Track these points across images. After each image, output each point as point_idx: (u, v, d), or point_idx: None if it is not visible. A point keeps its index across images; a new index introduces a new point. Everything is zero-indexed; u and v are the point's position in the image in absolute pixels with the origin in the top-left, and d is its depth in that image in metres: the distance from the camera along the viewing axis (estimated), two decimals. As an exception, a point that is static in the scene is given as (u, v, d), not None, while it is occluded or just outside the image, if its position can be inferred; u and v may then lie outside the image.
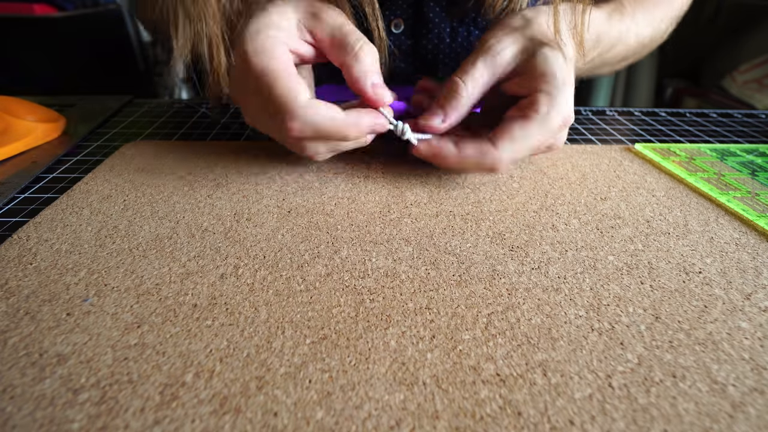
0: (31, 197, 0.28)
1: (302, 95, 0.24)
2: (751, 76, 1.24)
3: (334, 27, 0.26)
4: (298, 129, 0.24)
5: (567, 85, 0.26)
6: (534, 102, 0.26)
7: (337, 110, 0.25)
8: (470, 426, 0.14)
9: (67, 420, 0.14)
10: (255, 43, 0.24)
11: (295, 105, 0.24)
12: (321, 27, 0.26)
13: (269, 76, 0.24)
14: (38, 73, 1.18)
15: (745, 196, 0.28)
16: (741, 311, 0.19)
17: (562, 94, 0.26)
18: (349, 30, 0.26)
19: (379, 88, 0.26)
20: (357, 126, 0.25)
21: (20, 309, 0.19)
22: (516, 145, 0.25)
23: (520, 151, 0.26)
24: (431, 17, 0.40)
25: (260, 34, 0.25)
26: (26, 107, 0.36)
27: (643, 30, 0.38)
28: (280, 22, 0.26)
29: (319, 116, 0.24)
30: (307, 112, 0.24)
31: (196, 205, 0.27)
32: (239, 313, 0.19)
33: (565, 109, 0.26)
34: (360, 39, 0.26)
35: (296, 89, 0.24)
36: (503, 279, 0.21)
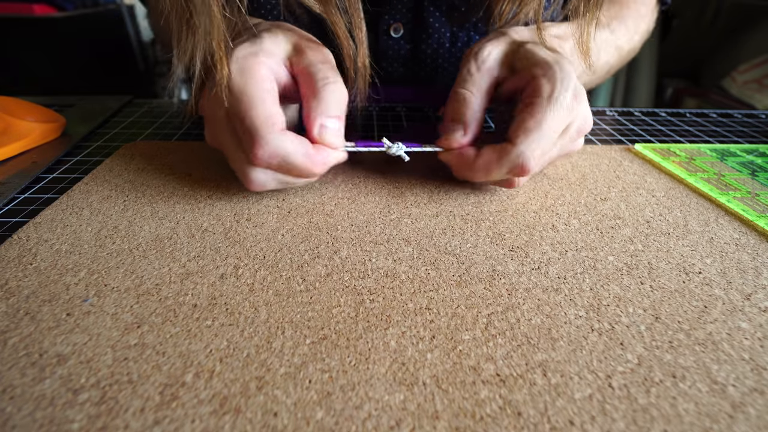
0: (31, 197, 0.28)
1: (278, 125, 0.23)
2: (751, 76, 1.24)
3: (311, 62, 0.25)
4: (266, 157, 0.23)
5: (563, 65, 0.25)
6: (535, 88, 0.25)
7: (308, 145, 0.24)
8: (470, 426, 0.14)
9: (67, 420, 0.14)
10: (240, 63, 0.24)
11: (268, 132, 0.23)
12: (300, 60, 0.25)
13: (248, 99, 0.23)
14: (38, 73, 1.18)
15: (745, 197, 0.29)
16: (741, 311, 0.19)
17: (560, 71, 0.25)
18: (322, 68, 0.25)
19: (327, 132, 0.25)
20: (323, 163, 0.25)
21: (20, 309, 0.19)
22: (534, 135, 0.24)
23: (542, 141, 0.24)
24: (431, 22, 0.40)
25: (249, 57, 0.24)
26: (26, 107, 0.36)
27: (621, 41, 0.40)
28: (272, 49, 0.25)
29: (290, 147, 0.23)
30: (278, 142, 0.23)
31: (196, 205, 0.27)
32: (239, 313, 0.19)
33: (570, 83, 0.24)
34: (328, 78, 0.25)
35: (274, 117, 0.23)
36: (503, 279, 0.21)
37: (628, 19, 0.41)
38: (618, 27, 0.40)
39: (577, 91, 0.25)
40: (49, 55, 1.17)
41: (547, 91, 0.24)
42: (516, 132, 0.24)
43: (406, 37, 0.41)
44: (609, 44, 0.39)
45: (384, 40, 0.41)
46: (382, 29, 0.40)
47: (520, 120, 0.24)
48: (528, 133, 0.24)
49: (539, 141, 0.24)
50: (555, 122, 0.24)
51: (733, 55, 1.33)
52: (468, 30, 0.41)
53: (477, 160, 0.26)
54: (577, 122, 0.26)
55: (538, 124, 0.24)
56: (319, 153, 0.24)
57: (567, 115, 0.24)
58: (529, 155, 0.24)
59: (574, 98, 0.24)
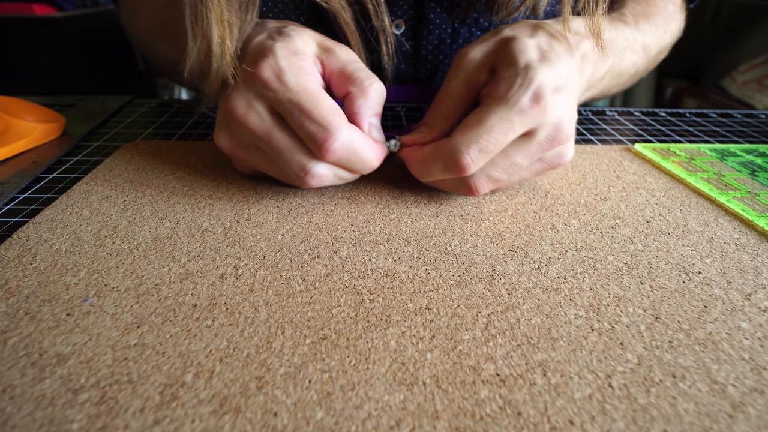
0: (31, 197, 0.28)
1: (344, 118, 0.24)
2: (751, 76, 1.24)
3: (347, 61, 0.26)
4: (339, 148, 0.23)
5: (534, 65, 0.24)
6: (492, 87, 0.24)
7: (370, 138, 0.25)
8: (470, 426, 0.14)
9: (67, 420, 0.14)
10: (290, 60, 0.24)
11: (339, 124, 0.23)
12: (333, 59, 0.26)
13: (311, 93, 0.23)
14: (38, 73, 1.18)
15: (745, 196, 0.29)
16: (741, 311, 0.19)
17: (525, 72, 0.23)
18: (360, 66, 0.26)
19: (374, 129, 0.26)
20: (378, 158, 0.25)
21: (20, 309, 0.19)
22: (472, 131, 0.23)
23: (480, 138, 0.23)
24: (432, 18, 0.40)
25: (293, 55, 0.24)
26: (26, 107, 0.36)
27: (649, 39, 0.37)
28: (305, 48, 0.25)
29: (360, 141, 0.24)
30: (351, 134, 0.23)
31: (196, 205, 0.27)
32: (239, 313, 0.19)
33: (531, 85, 0.23)
34: (371, 76, 0.25)
35: (339, 111, 0.23)
36: (503, 279, 0.21)
37: (656, 17, 0.39)
38: (646, 26, 0.37)
39: (540, 94, 0.23)
40: (49, 55, 1.17)
41: (500, 92, 0.23)
42: (456, 129, 0.24)
43: (407, 33, 0.41)
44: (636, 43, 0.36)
45: None
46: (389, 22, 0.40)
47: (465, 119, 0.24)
48: (465, 129, 0.23)
49: (477, 138, 0.23)
50: (501, 122, 0.23)
51: (733, 55, 1.33)
52: (469, 26, 0.41)
53: (416, 154, 0.26)
54: (545, 129, 0.24)
55: (479, 121, 0.23)
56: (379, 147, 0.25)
57: (520, 118, 0.23)
58: (462, 150, 0.23)
59: (534, 101, 0.23)
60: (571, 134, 0.25)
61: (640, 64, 0.38)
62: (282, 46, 0.24)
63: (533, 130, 0.24)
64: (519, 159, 0.24)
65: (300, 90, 0.23)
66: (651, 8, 0.39)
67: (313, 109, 0.23)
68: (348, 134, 0.23)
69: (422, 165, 0.25)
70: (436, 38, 0.41)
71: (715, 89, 1.34)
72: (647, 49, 0.38)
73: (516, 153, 0.24)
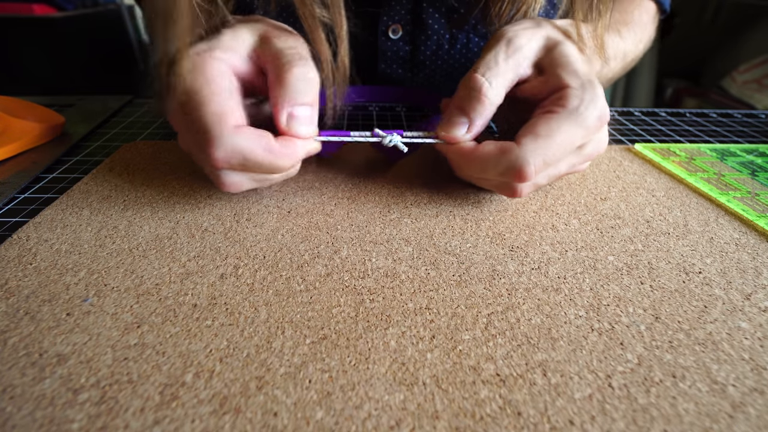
0: (31, 197, 0.28)
1: (231, 120, 0.21)
2: (751, 76, 1.24)
3: (279, 49, 0.23)
4: (223, 157, 0.21)
5: (594, 83, 0.24)
6: (562, 97, 0.23)
7: (269, 138, 0.22)
8: (470, 426, 0.14)
9: (67, 420, 0.14)
10: (192, 61, 0.22)
11: (220, 130, 0.21)
12: (268, 49, 0.23)
13: (198, 97, 0.21)
14: (38, 73, 1.18)
15: (745, 196, 0.28)
16: (741, 311, 0.19)
17: (593, 89, 0.23)
18: (288, 53, 0.23)
19: (295, 122, 0.22)
20: (291, 156, 0.23)
21: (20, 309, 0.19)
22: (543, 142, 0.22)
23: (549, 151, 0.22)
24: (430, 23, 0.40)
25: (201, 54, 0.22)
26: (26, 107, 0.36)
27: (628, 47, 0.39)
28: (231, 44, 0.23)
29: (248, 144, 0.21)
30: (233, 139, 0.21)
31: (196, 205, 0.27)
32: (239, 313, 0.19)
33: (600, 102, 0.23)
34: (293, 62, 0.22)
35: (226, 114, 0.21)
36: (503, 279, 0.21)
37: (633, 26, 0.40)
38: (627, 33, 0.38)
39: (603, 114, 0.23)
40: (49, 55, 1.17)
41: (573, 104, 0.23)
42: (524, 133, 0.23)
43: (404, 38, 0.41)
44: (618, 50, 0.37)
45: (383, 41, 0.41)
46: (381, 30, 0.40)
47: (533, 123, 0.23)
48: (536, 138, 0.22)
49: (546, 150, 0.22)
50: (570, 137, 0.22)
51: (733, 55, 1.33)
52: (467, 32, 0.41)
53: (475, 151, 0.24)
54: (594, 144, 0.25)
55: (551, 132, 0.22)
56: (285, 146, 0.22)
57: (585, 134, 0.23)
58: (529, 160, 0.22)
59: (598, 120, 0.23)
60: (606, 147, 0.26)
61: (618, 71, 0.40)
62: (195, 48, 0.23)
63: (584, 144, 0.24)
64: (563, 168, 0.25)
65: (191, 93, 0.22)
66: (628, 17, 0.40)
67: (195, 114, 0.21)
68: (231, 140, 0.21)
69: (480, 165, 0.24)
70: (434, 43, 0.41)
71: (715, 89, 1.34)
72: (626, 56, 0.39)
73: (562, 163, 0.24)
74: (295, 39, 0.24)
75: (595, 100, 0.23)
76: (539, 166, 0.22)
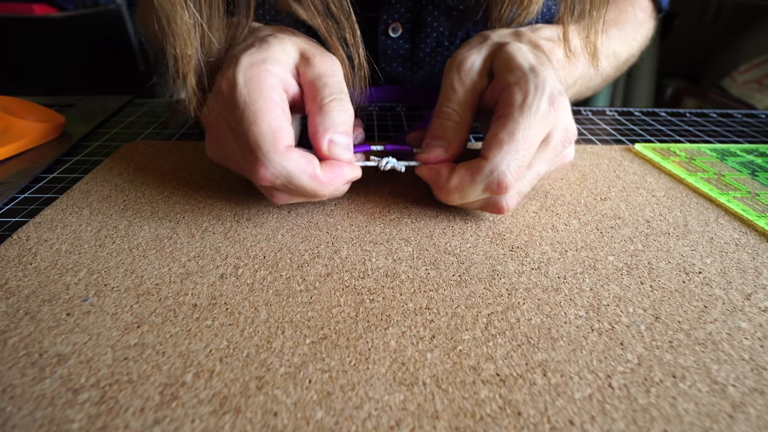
0: (31, 197, 0.28)
1: (283, 142, 0.21)
2: (751, 76, 1.24)
3: (318, 75, 0.24)
4: (269, 178, 0.21)
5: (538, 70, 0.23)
6: (507, 96, 0.23)
7: (315, 165, 0.22)
8: (470, 426, 0.14)
9: (67, 420, 0.14)
10: (247, 73, 0.22)
11: (272, 150, 0.21)
12: (309, 71, 0.24)
13: (253, 113, 0.21)
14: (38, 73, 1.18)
15: (745, 196, 0.28)
16: (741, 311, 0.19)
17: (535, 77, 0.23)
18: (329, 82, 0.23)
19: (336, 148, 0.23)
20: (333, 183, 0.23)
21: (20, 309, 0.19)
22: (508, 147, 0.22)
23: (518, 153, 0.22)
24: (429, 21, 0.40)
25: (256, 66, 0.22)
26: (26, 107, 0.36)
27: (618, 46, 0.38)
28: (280, 56, 0.24)
29: (295, 169, 0.21)
30: (283, 162, 0.21)
31: (196, 205, 0.27)
32: (239, 313, 0.19)
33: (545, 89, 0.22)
34: (334, 94, 0.23)
35: (279, 133, 0.21)
36: (503, 279, 0.21)
37: (625, 24, 0.39)
38: (616, 33, 0.38)
39: (553, 97, 0.23)
40: (49, 55, 1.17)
41: (519, 100, 0.22)
42: (489, 146, 0.22)
43: (404, 36, 0.41)
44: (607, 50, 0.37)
45: (383, 39, 0.41)
46: (381, 29, 0.40)
47: (492, 132, 0.23)
48: (500, 145, 0.22)
49: (514, 153, 0.22)
50: (530, 132, 0.22)
51: (733, 55, 1.33)
52: (467, 29, 0.41)
53: (450, 180, 0.24)
54: (558, 131, 0.24)
55: (511, 134, 0.22)
56: (331, 171, 0.23)
57: (543, 124, 0.22)
58: (504, 169, 0.22)
59: (550, 105, 0.22)
60: (576, 133, 0.25)
61: (610, 71, 0.39)
62: (248, 56, 0.23)
63: (549, 135, 0.23)
64: (541, 167, 0.24)
65: (245, 106, 0.22)
66: (621, 15, 0.40)
67: (248, 130, 0.21)
68: (280, 162, 0.21)
69: (458, 191, 0.24)
70: (434, 41, 0.41)
71: (715, 89, 1.34)
72: (617, 55, 0.39)
73: (537, 162, 0.24)
74: (332, 63, 0.25)
75: (541, 87, 0.22)
76: (515, 171, 0.22)
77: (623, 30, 0.39)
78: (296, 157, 0.21)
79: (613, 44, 0.38)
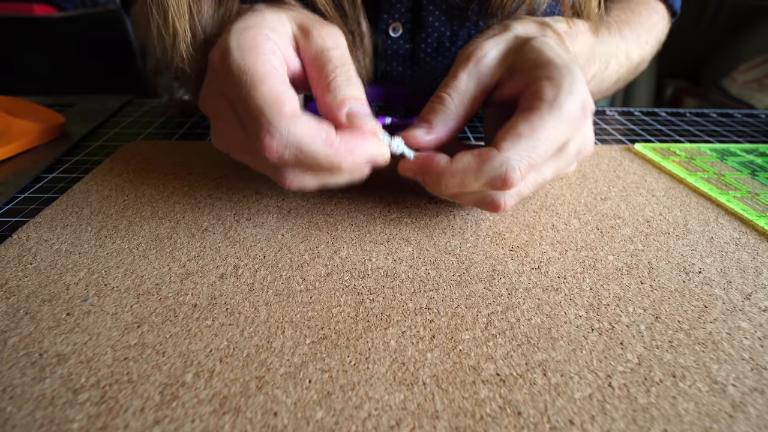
0: (31, 197, 0.28)
1: (288, 105, 0.19)
2: (751, 76, 1.24)
3: (322, 48, 0.22)
4: (276, 148, 0.19)
5: (572, 69, 0.21)
6: (536, 90, 0.21)
7: (330, 130, 0.20)
8: (470, 426, 0.14)
9: (67, 420, 0.14)
10: (241, 38, 0.20)
11: (277, 115, 0.18)
12: (309, 44, 0.22)
13: (251, 77, 0.19)
14: (38, 73, 1.18)
15: (745, 196, 0.28)
16: (741, 311, 0.19)
17: (570, 76, 0.21)
18: (335, 54, 0.21)
19: (357, 115, 0.21)
20: (353, 153, 0.20)
21: (20, 309, 0.19)
22: (525, 143, 0.20)
23: (534, 152, 0.20)
24: (430, 21, 0.40)
25: (250, 30, 0.20)
26: (26, 107, 0.36)
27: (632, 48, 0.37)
28: (276, 25, 0.22)
29: (306, 134, 0.19)
30: (290, 127, 0.18)
31: (196, 205, 0.27)
32: (239, 313, 0.19)
33: (579, 90, 0.20)
34: (340, 66, 0.21)
35: (282, 97, 0.19)
36: (503, 279, 0.21)
37: (639, 26, 0.38)
38: (629, 34, 0.37)
39: (586, 103, 0.21)
40: (49, 55, 1.17)
41: (550, 95, 0.20)
42: (504, 136, 0.20)
43: (405, 36, 0.41)
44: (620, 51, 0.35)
45: (383, 39, 0.41)
46: (381, 29, 0.40)
47: (511, 124, 0.21)
48: (518, 138, 0.20)
49: (530, 151, 0.20)
50: (553, 132, 0.20)
51: (733, 55, 1.33)
52: (469, 28, 0.41)
53: (450, 165, 0.21)
54: (577, 141, 0.22)
55: (533, 130, 0.20)
56: (351, 139, 0.20)
57: (569, 128, 0.20)
58: (514, 164, 0.19)
59: (582, 110, 0.20)
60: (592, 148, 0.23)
61: (622, 73, 0.38)
62: (242, 21, 0.21)
63: (566, 142, 0.21)
64: (548, 173, 0.22)
65: (240, 71, 0.19)
66: (635, 17, 0.39)
67: (248, 95, 0.19)
68: (287, 127, 0.18)
69: (459, 179, 0.21)
70: (435, 41, 0.41)
71: (715, 89, 1.34)
72: (630, 57, 0.37)
73: (547, 167, 0.22)
74: (335, 35, 0.22)
75: (574, 88, 0.20)
76: (525, 169, 0.20)
77: (636, 31, 0.38)
78: (306, 120, 0.19)
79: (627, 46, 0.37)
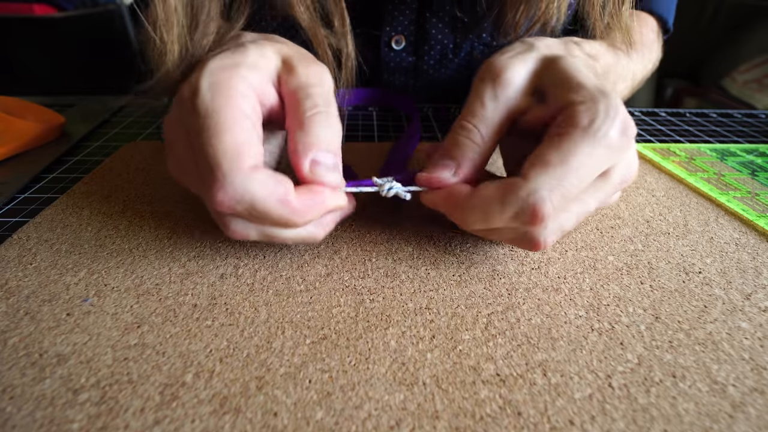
0: (31, 197, 0.28)
1: (247, 159, 0.18)
2: (751, 76, 1.24)
3: (302, 85, 0.20)
4: (228, 203, 0.17)
5: (608, 92, 0.19)
6: (570, 115, 0.19)
7: (288, 187, 0.18)
8: (470, 426, 0.14)
9: (67, 420, 0.14)
10: (213, 78, 0.19)
11: (233, 169, 0.17)
12: (291, 79, 0.20)
13: (215, 123, 0.18)
14: (38, 73, 1.18)
15: (745, 196, 0.28)
16: (741, 311, 0.19)
17: (605, 99, 0.19)
18: (315, 92, 0.20)
19: (320, 168, 0.19)
20: (308, 214, 0.19)
21: (20, 309, 0.19)
22: (556, 171, 0.18)
23: (565, 181, 0.18)
24: (433, 33, 0.40)
25: (226, 70, 0.19)
26: (26, 107, 0.36)
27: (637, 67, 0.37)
28: (258, 62, 0.20)
29: (261, 191, 0.17)
30: (246, 183, 0.17)
31: (197, 205, 0.26)
32: (239, 313, 0.19)
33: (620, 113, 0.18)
34: (319, 106, 0.20)
35: (243, 149, 0.18)
36: (503, 279, 0.21)
37: (641, 46, 0.37)
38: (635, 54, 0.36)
39: (626, 126, 0.18)
40: (49, 55, 1.17)
41: (584, 121, 0.18)
42: (532, 164, 0.18)
43: (408, 49, 0.41)
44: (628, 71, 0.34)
45: (386, 52, 0.41)
46: (384, 42, 0.40)
47: (541, 150, 0.18)
48: (547, 167, 0.18)
49: (561, 180, 0.18)
50: (589, 160, 0.18)
51: (733, 55, 1.33)
52: (471, 40, 0.41)
53: (473, 197, 0.19)
54: (621, 167, 0.20)
55: (564, 158, 0.18)
56: (308, 197, 0.19)
57: (608, 155, 0.18)
58: (544, 195, 0.17)
59: (622, 134, 0.18)
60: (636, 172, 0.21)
61: (627, 93, 0.38)
62: (219, 60, 0.20)
63: (610, 169, 0.20)
64: (591, 203, 0.20)
65: (206, 115, 0.18)
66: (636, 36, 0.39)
67: (207, 143, 0.18)
68: (242, 183, 0.17)
69: (481, 212, 0.19)
70: (438, 53, 0.41)
71: (715, 89, 1.34)
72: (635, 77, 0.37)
73: (589, 196, 0.20)
74: (320, 73, 0.21)
75: (613, 112, 0.18)
76: (557, 201, 0.18)
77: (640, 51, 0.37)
78: (263, 177, 0.18)
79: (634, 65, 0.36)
